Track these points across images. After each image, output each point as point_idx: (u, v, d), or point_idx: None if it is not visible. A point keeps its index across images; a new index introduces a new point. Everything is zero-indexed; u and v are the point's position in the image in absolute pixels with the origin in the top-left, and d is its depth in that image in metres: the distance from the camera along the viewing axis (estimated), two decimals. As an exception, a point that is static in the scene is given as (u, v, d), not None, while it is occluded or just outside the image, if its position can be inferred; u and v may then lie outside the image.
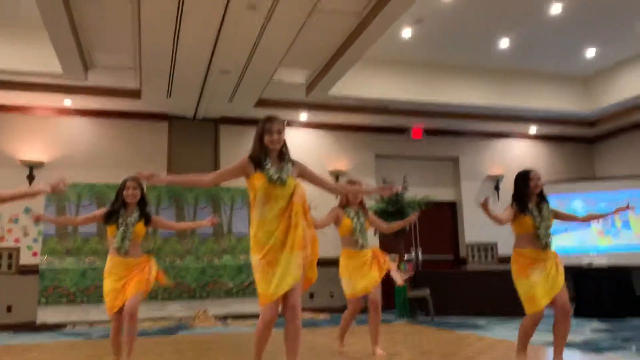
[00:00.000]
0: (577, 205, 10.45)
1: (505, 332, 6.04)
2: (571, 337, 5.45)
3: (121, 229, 4.08)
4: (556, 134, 11.12)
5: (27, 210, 8.27)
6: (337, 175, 9.86)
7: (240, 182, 9.87)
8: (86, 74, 7.62)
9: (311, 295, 9.19)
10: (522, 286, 3.83)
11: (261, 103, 8.87)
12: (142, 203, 4.25)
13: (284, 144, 3.29)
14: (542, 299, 3.73)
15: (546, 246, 3.85)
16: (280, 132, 3.24)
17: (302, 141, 9.84)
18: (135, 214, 4.16)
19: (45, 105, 8.58)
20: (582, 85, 9.87)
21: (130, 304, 3.96)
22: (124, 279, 4.04)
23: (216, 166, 9.33)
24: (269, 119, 3.26)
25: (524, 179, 4.00)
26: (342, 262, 4.67)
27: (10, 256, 8.18)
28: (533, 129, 10.83)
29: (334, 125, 9.99)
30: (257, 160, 3.22)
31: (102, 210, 4.24)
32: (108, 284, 4.06)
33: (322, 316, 8.63)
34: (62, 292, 7.99)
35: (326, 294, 9.35)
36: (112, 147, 8.92)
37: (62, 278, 8.02)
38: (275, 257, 3.07)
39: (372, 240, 9.44)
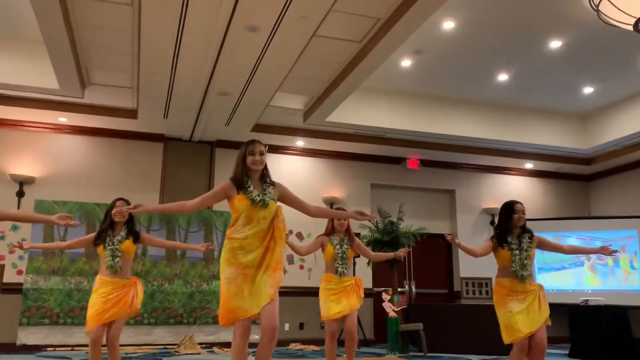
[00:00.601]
0: (572, 242, 10.36)
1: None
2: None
3: (109, 248, 4.20)
4: (552, 171, 11.11)
5: (14, 228, 8.11)
6: (331, 202, 9.76)
7: (234, 206, 9.63)
8: (83, 92, 7.57)
9: (301, 326, 8.97)
10: (500, 315, 3.95)
11: (258, 128, 8.83)
12: (131, 222, 4.38)
13: (265, 167, 3.45)
14: (521, 330, 3.78)
15: (522, 278, 3.90)
16: (262, 153, 3.39)
17: (297, 167, 9.78)
18: (123, 232, 4.30)
19: (39, 121, 8.49)
20: (579, 122, 9.91)
21: (112, 333, 4.18)
22: (109, 296, 4.14)
23: (210, 188, 9.20)
24: (252, 142, 3.40)
25: (508, 211, 4.08)
26: (322, 286, 4.89)
27: None
28: (529, 165, 10.82)
29: (330, 152, 9.94)
30: (239, 182, 3.35)
31: (92, 235, 4.37)
32: (93, 298, 4.18)
33: (311, 347, 8.41)
34: (44, 313, 7.75)
35: (316, 325, 9.12)
36: (105, 166, 8.82)
37: (45, 298, 7.80)
38: (252, 275, 3.18)
39: (366, 270, 9.33)
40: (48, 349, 7.62)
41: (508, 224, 4.04)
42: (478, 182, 10.86)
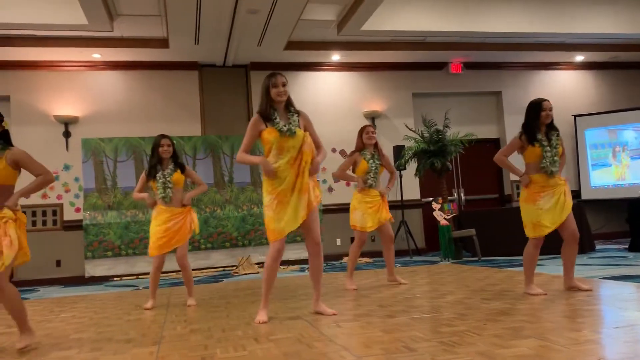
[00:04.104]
0: (629, 135, 9.90)
1: (558, 268, 5.79)
2: (626, 271, 5.19)
3: (161, 180, 4.58)
4: (606, 61, 10.44)
5: (66, 167, 8.34)
6: (372, 117, 9.55)
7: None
8: (112, 24, 7.42)
9: (352, 240, 9.05)
10: (528, 211, 3.98)
11: (291, 45, 8.56)
12: (175, 156, 4.73)
13: (289, 97, 3.60)
14: (547, 227, 3.90)
15: (552, 174, 3.95)
16: (285, 84, 3.54)
17: (335, 83, 9.52)
18: (171, 166, 4.66)
19: (74, 60, 8.47)
20: (636, 6, 9.10)
21: (179, 255, 4.61)
22: (167, 225, 4.52)
23: (249, 112, 9.13)
24: (273, 75, 3.55)
25: (535, 109, 4.05)
26: (358, 198, 5.05)
27: (54, 212, 8.30)
28: (580, 57, 10.19)
29: (368, 64, 9.59)
30: (266, 115, 3.54)
31: (143, 175, 4.71)
32: (153, 227, 4.58)
33: (364, 259, 8.54)
34: (107, 246, 8.11)
35: (367, 238, 9.20)
36: (144, 99, 8.82)
37: (105, 232, 8.13)
38: (286, 198, 3.48)
39: (413, 181, 9.23)
40: (114, 279, 8.02)
41: (536, 122, 4.02)
42: (525, 80, 10.35)
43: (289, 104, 3.61)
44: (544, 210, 3.90)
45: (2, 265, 3.00)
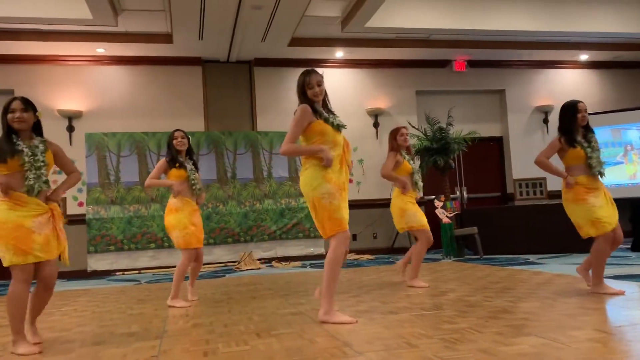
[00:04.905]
0: (633, 135, 9.88)
1: (560, 267, 5.80)
2: (629, 270, 5.19)
3: (191, 175, 4.48)
4: (610, 60, 10.41)
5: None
6: (376, 114, 9.54)
7: (278, 126, 9.63)
8: (116, 19, 7.42)
9: (354, 237, 9.08)
10: (581, 211, 3.85)
11: (295, 42, 8.55)
12: (190, 151, 4.67)
13: (325, 94, 3.46)
14: (610, 222, 3.78)
15: (601, 175, 3.89)
16: (320, 83, 3.38)
17: (338, 80, 9.51)
18: (190, 162, 4.57)
19: (78, 54, 8.48)
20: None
21: (201, 254, 4.62)
22: (194, 219, 4.43)
23: (252, 108, 9.13)
24: (307, 72, 3.41)
25: (571, 111, 3.97)
26: (402, 199, 4.93)
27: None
28: (584, 56, 10.15)
29: (372, 61, 9.58)
30: (314, 108, 3.37)
31: (163, 163, 4.55)
32: (180, 218, 4.37)
33: (366, 256, 8.55)
34: (109, 241, 8.13)
35: (369, 236, 9.24)
36: (148, 95, 8.82)
37: (108, 227, 8.15)
38: (341, 192, 3.33)
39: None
40: (117, 273, 8.05)
41: (573, 124, 3.95)
42: (529, 79, 10.33)
43: (325, 101, 3.49)
44: (598, 207, 3.79)
45: (66, 259, 3.13)
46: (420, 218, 4.92)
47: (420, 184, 5.03)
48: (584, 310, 3.27)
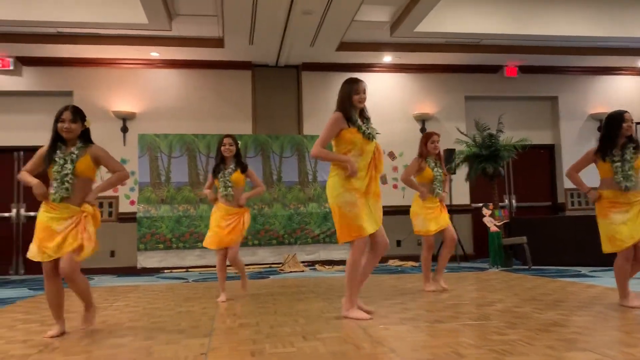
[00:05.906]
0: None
1: (614, 281, 5.57)
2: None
3: (222, 179, 4.74)
4: (672, 67, 9.98)
5: (122, 161, 8.63)
6: (423, 119, 9.45)
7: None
8: (170, 24, 7.65)
9: (398, 243, 9.01)
10: (602, 226, 3.90)
11: (343, 46, 8.58)
12: (238, 156, 4.87)
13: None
14: (624, 241, 3.75)
15: (626, 189, 3.79)
16: (365, 92, 3.68)
17: (385, 85, 9.48)
18: (232, 165, 4.78)
19: (133, 58, 8.78)
20: None
21: (231, 258, 4.74)
22: (222, 223, 4.68)
23: (299, 112, 9.22)
24: (355, 81, 3.65)
25: (617, 120, 3.90)
26: (419, 204, 5.12)
27: (110, 205, 8.62)
28: (644, 62, 9.77)
29: (420, 66, 9.51)
30: (349, 116, 3.60)
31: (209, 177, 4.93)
32: (212, 221, 4.78)
33: (410, 263, 8.47)
34: (159, 239, 8.36)
35: (413, 242, 9.14)
36: (199, 98, 9.03)
37: (158, 225, 8.38)
38: (365, 200, 3.56)
39: (464, 186, 9.09)
40: (165, 271, 8.26)
41: (616, 135, 3.88)
42: (583, 86, 10.02)
43: (363, 110, 3.73)
44: (618, 225, 3.78)
45: (82, 257, 3.24)
46: (427, 224, 5.03)
47: (441, 193, 5.11)
48: (639, 326, 3.15)
